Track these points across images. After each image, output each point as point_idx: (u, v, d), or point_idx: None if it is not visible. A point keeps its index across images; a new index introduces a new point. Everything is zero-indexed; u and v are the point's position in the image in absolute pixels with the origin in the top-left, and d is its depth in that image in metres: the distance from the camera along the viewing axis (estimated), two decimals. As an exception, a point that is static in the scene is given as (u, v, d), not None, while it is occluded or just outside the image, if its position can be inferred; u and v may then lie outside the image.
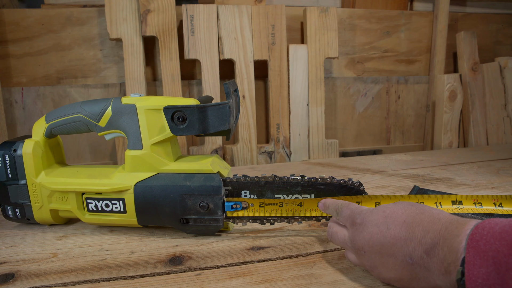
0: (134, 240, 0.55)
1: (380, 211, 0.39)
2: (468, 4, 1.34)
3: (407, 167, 0.93)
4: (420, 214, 0.37)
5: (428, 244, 0.34)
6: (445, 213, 0.36)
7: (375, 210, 0.40)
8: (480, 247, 0.29)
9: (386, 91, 1.29)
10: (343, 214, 0.44)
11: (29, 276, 0.46)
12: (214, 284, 0.43)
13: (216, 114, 0.50)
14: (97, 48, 1.05)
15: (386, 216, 0.38)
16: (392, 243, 0.36)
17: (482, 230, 0.30)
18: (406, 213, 0.37)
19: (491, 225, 0.30)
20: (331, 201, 0.48)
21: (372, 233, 0.38)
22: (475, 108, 1.24)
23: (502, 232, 0.29)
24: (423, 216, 0.36)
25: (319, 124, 1.12)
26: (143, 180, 0.53)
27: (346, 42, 1.22)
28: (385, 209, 0.39)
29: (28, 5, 1.10)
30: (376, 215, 0.39)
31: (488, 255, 0.29)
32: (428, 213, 0.36)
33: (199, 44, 1.02)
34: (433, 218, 0.35)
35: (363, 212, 0.41)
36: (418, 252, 0.34)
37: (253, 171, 0.94)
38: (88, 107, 0.55)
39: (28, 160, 0.56)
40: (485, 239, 0.29)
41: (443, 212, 0.37)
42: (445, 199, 0.49)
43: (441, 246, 0.33)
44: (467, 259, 0.29)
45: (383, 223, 0.38)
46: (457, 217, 0.35)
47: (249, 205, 0.52)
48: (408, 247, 0.35)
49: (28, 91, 1.02)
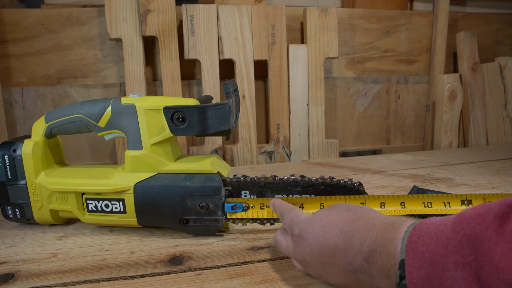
0: (134, 240, 0.55)
1: (317, 220, 0.39)
2: (468, 4, 1.34)
3: (407, 167, 0.93)
4: (356, 221, 0.36)
5: (366, 252, 0.34)
6: (380, 216, 0.36)
7: (312, 220, 0.39)
8: (418, 249, 0.29)
9: (386, 91, 1.29)
10: (285, 221, 0.43)
11: (29, 276, 0.46)
12: (214, 284, 0.43)
13: (216, 114, 0.50)
14: (97, 48, 1.04)
15: (323, 226, 0.38)
16: (332, 254, 0.36)
17: (419, 231, 0.30)
18: (342, 221, 0.37)
19: (427, 225, 0.30)
20: (279, 203, 0.47)
21: (311, 245, 0.38)
22: (475, 108, 1.24)
23: (437, 232, 0.29)
24: (359, 223, 0.36)
25: (319, 124, 1.12)
26: (143, 180, 0.53)
27: (346, 42, 1.22)
28: (322, 217, 0.39)
29: (28, 5, 1.10)
30: (313, 225, 0.39)
31: (425, 256, 0.28)
32: (364, 219, 0.36)
33: (199, 44, 1.02)
34: (368, 225, 0.35)
35: (300, 222, 0.40)
36: (358, 260, 0.34)
37: (253, 171, 0.94)
38: (88, 107, 0.55)
39: (28, 160, 0.56)
40: (422, 240, 0.29)
41: (378, 215, 0.36)
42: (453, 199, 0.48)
43: (379, 253, 0.33)
44: (407, 261, 0.29)
45: (321, 234, 0.37)
46: (391, 220, 0.34)
47: (250, 207, 0.52)
48: (347, 256, 0.35)
49: (28, 91, 1.02)
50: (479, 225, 0.26)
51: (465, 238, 0.26)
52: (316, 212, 0.41)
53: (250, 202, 0.52)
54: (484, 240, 0.25)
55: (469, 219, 0.27)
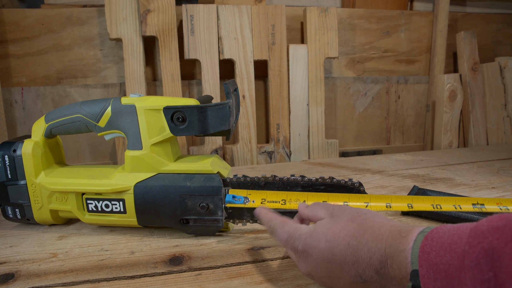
0: (134, 240, 0.55)
1: (320, 234, 0.37)
2: (468, 4, 1.34)
3: (407, 167, 0.93)
4: (363, 233, 0.35)
5: (376, 265, 0.33)
6: (387, 224, 0.35)
7: (315, 234, 0.38)
8: (431, 260, 0.28)
9: (386, 91, 1.29)
10: (280, 237, 0.41)
11: (29, 276, 0.46)
12: (214, 284, 0.43)
13: (216, 114, 0.50)
14: (97, 48, 1.04)
15: (328, 240, 0.37)
16: (340, 268, 0.36)
17: (431, 241, 0.29)
18: (348, 234, 0.36)
19: (439, 234, 0.30)
20: (265, 215, 0.44)
21: (317, 261, 0.37)
22: (475, 108, 1.24)
23: (451, 243, 0.28)
24: (366, 235, 0.35)
25: (319, 124, 1.12)
26: (143, 180, 0.53)
27: (346, 42, 1.22)
28: (325, 231, 0.37)
29: (28, 5, 1.10)
30: (317, 240, 0.37)
31: (439, 268, 0.28)
32: (371, 231, 0.35)
33: (199, 44, 1.02)
34: (375, 236, 0.34)
35: (302, 237, 0.39)
36: (368, 273, 0.34)
37: (253, 171, 0.94)
38: (88, 107, 0.55)
39: (28, 160, 0.56)
40: (435, 251, 0.29)
41: (384, 223, 0.36)
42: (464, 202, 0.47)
43: (390, 265, 0.32)
44: (421, 272, 0.29)
45: (326, 249, 0.36)
46: (399, 229, 0.34)
47: (251, 201, 0.51)
48: (357, 269, 0.34)
49: (28, 91, 1.02)
50: (497, 240, 0.25)
51: (483, 254, 0.25)
52: (318, 224, 0.39)
53: (252, 197, 0.51)
54: (504, 256, 0.24)
55: (486, 232, 0.26)
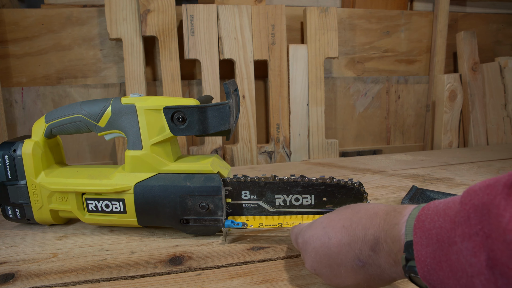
0: (134, 240, 0.55)
1: (318, 223, 0.39)
2: (468, 4, 1.34)
3: (407, 167, 0.93)
4: (356, 214, 0.36)
5: (371, 241, 0.33)
6: (381, 205, 0.36)
7: (314, 224, 0.39)
8: (425, 227, 0.29)
9: (386, 91, 1.29)
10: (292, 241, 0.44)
11: (29, 276, 0.46)
12: (214, 284, 0.43)
13: (216, 114, 0.50)
14: (97, 48, 1.04)
15: (324, 226, 0.38)
16: (338, 251, 0.36)
17: (428, 210, 0.30)
18: (343, 217, 0.37)
19: (436, 204, 0.30)
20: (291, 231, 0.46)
21: (316, 248, 0.38)
22: (475, 108, 1.24)
23: (446, 208, 0.28)
24: (359, 215, 0.36)
25: (319, 124, 1.12)
26: (143, 180, 0.53)
27: (346, 42, 1.22)
28: (323, 219, 0.39)
29: (28, 5, 1.10)
30: (315, 228, 0.39)
31: (431, 233, 0.28)
32: (364, 210, 0.36)
33: (199, 44, 1.02)
34: (370, 214, 0.35)
35: (302, 231, 0.40)
36: (365, 251, 0.34)
37: (253, 171, 0.94)
38: (88, 107, 0.55)
39: (28, 160, 0.56)
40: (430, 218, 0.29)
41: (378, 205, 0.36)
42: None
43: (384, 239, 0.32)
44: (415, 240, 0.29)
45: (323, 234, 0.37)
46: (393, 207, 0.34)
47: (249, 226, 0.52)
48: (354, 250, 0.35)
49: (28, 91, 1.02)
50: (487, 195, 0.25)
51: (473, 209, 0.25)
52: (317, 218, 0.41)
53: (250, 222, 0.52)
54: (492, 208, 0.24)
55: (478, 191, 0.26)
